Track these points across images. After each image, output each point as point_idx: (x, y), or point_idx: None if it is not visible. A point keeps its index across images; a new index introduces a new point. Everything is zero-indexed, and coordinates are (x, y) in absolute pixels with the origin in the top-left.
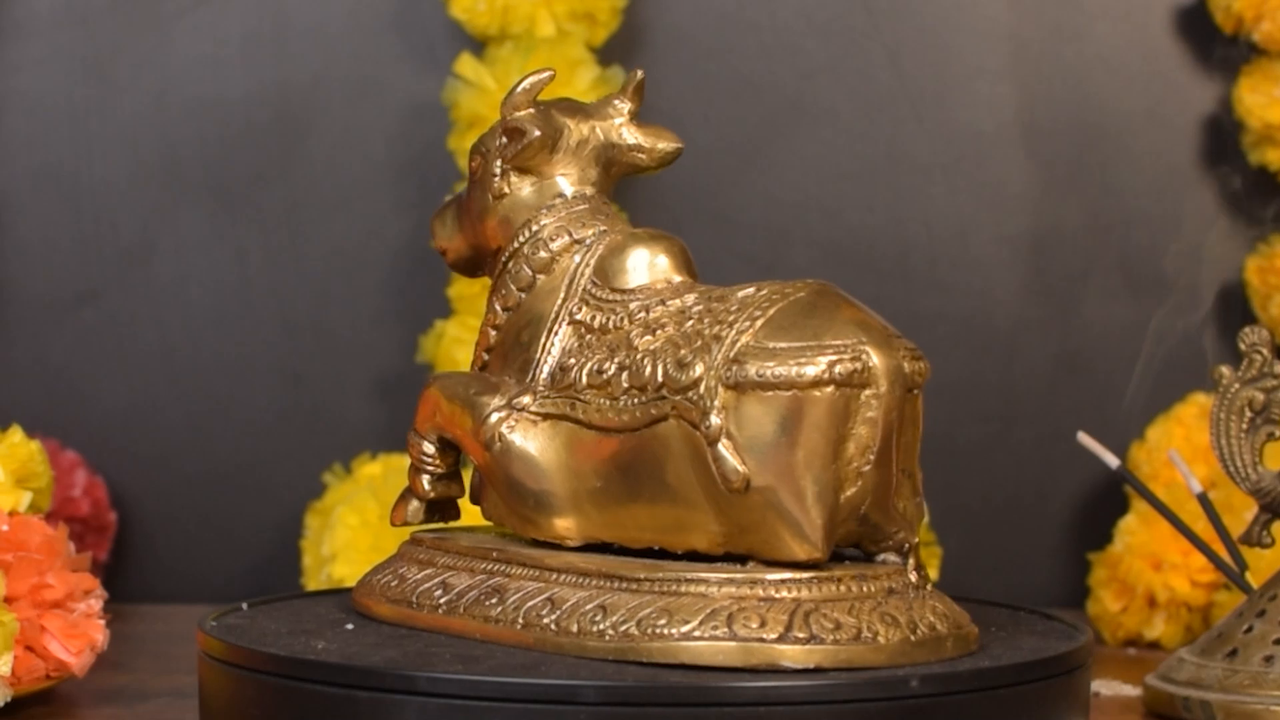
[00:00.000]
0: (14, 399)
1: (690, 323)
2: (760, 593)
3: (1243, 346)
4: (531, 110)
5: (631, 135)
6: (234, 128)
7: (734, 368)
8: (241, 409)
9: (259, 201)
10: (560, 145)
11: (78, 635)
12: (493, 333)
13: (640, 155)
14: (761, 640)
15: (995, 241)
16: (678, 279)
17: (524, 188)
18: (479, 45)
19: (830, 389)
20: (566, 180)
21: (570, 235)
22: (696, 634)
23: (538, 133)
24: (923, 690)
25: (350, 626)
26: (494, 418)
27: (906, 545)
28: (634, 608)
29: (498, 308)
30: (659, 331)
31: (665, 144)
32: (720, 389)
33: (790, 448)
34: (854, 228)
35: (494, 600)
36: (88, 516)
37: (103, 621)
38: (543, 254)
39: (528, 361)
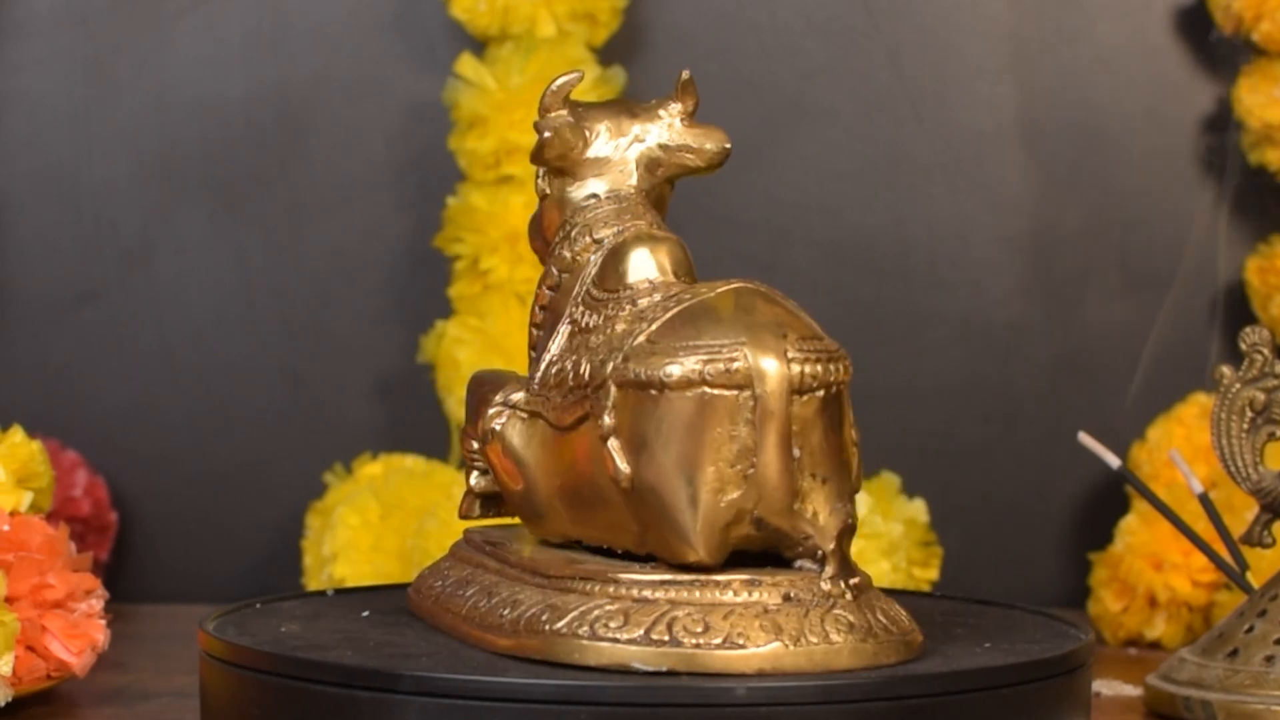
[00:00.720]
0: (14, 399)
1: (636, 322)
2: (635, 594)
3: (1243, 346)
4: (562, 111)
5: (680, 136)
6: (234, 128)
7: (622, 366)
8: (242, 409)
9: (259, 201)
10: (596, 145)
11: (79, 635)
12: (535, 332)
13: (689, 156)
14: (615, 641)
15: (995, 242)
16: (670, 279)
17: (564, 188)
18: (479, 45)
19: (701, 390)
20: (602, 181)
21: (590, 236)
22: (564, 631)
23: (548, 134)
24: (766, 698)
25: (366, 614)
26: (490, 413)
27: (820, 552)
28: (530, 604)
29: (536, 308)
30: (609, 331)
31: (712, 144)
32: (613, 388)
33: (665, 448)
34: (854, 228)
35: (461, 592)
36: (88, 516)
37: (103, 621)
38: (566, 254)
39: (539, 361)
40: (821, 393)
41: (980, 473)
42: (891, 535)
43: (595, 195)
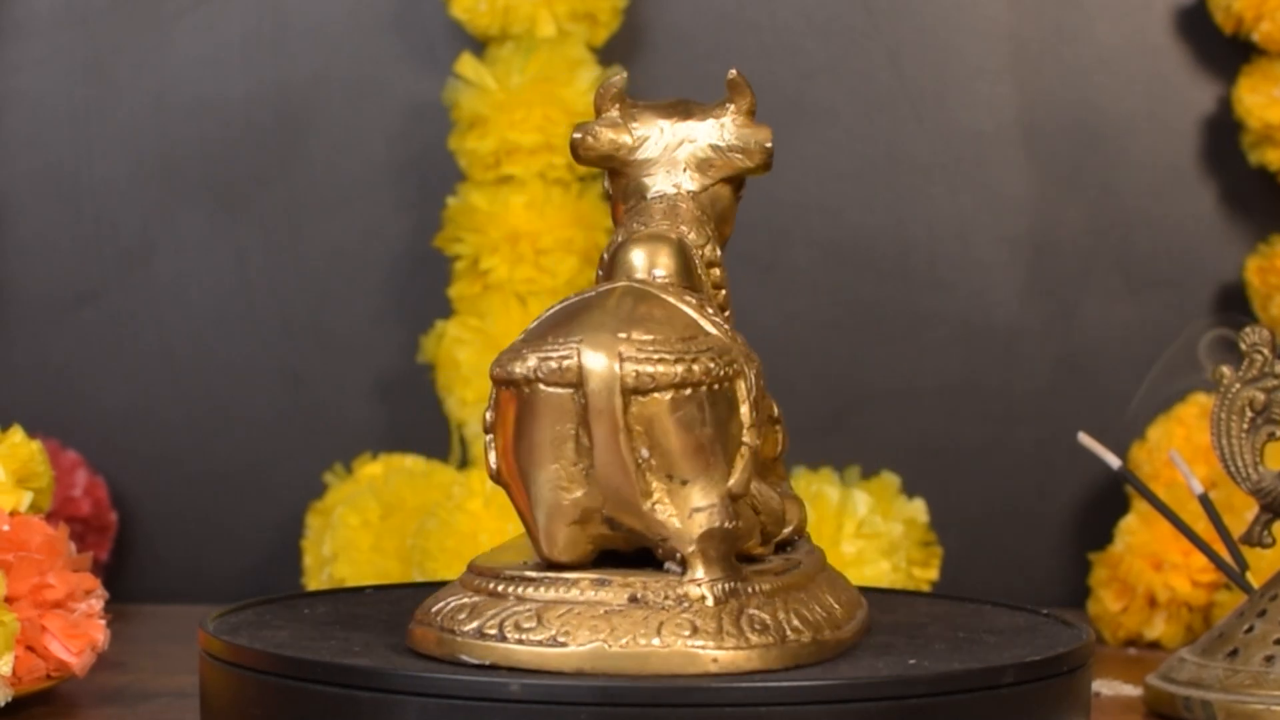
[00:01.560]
0: (14, 399)
1: None
2: (491, 588)
3: (1243, 346)
4: (612, 111)
5: (730, 136)
6: (234, 128)
7: (494, 364)
8: (242, 409)
9: (259, 201)
10: (646, 146)
11: (79, 635)
12: None
13: (738, 156)
14: (452, 633)
15: (995, 242)
16: (663, 279)
17: (622, 189)
18: (479, 45)
19: (540, 387)
20: (653, 181)
21: (621, 237)
22: (426, 621)
23: (577, 135)
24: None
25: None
26: None
27: (679, 554)
28: (430, 595)
29: None
30: None
31: (754, 143)
32: (492, 385)
33: (516, 445)
34: (854, 228)
35: None
36: (88, 516)
37: (103, 621)
38: (605, 255)
39: None
40: (668, 393)
41: (980, 473)
42: (891, 535)
43: (644, 196)
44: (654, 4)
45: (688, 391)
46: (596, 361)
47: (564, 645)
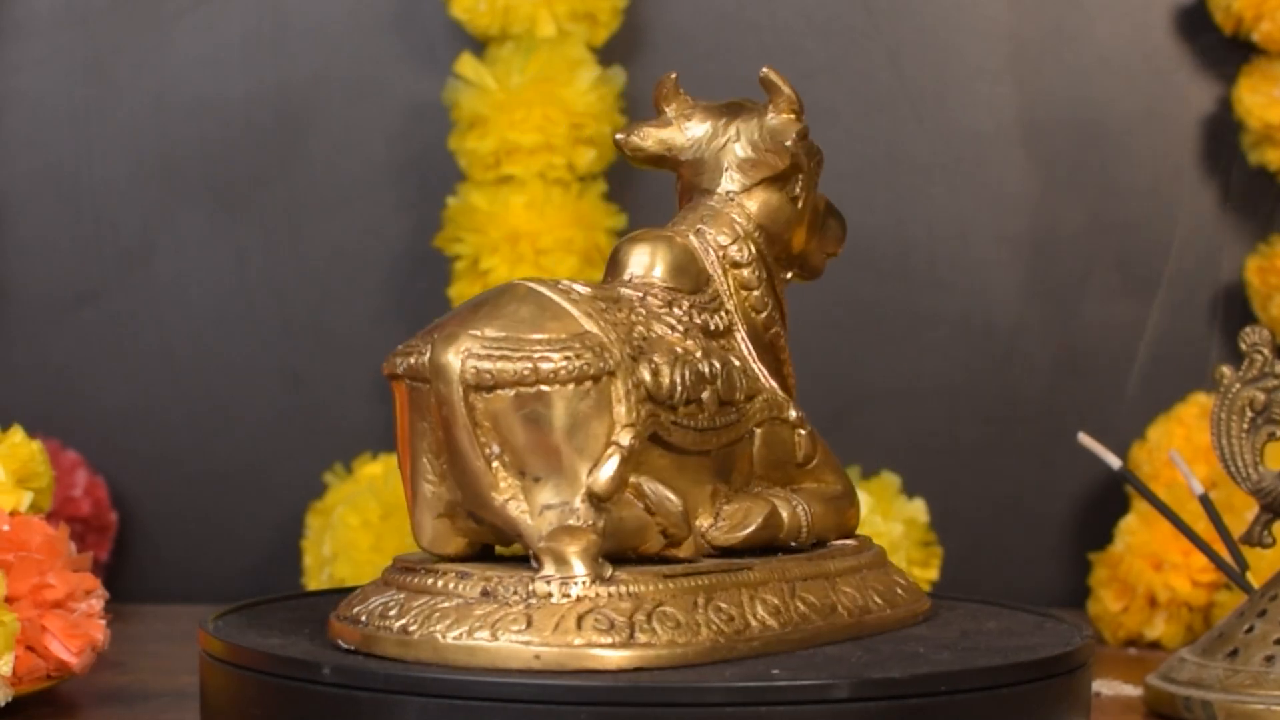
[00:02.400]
0: (14, 399)
1: None
2: (386, 578)
3: (1243, 346)
4: (668, 111)
5: (765, 135)
6: (234, 128)
7: None
8: (242, 409)
9: (259, 201)
10: (696, 146)
11: (79, 635)
12: None
13: (770, 155)
14: (340, 619)
15: (995, 242)
16: (653, 279)
17: (680, 187)
18: (479, 45)
19: (406, 382)
20: (700, 181)
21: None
22: (336, 607)
23: (620, 135)
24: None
25: None
26: None
27: (531, 550)
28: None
29: None
30: None
31: (778, 141)
32: None
33: (399, 438)
34: (854, 228)
35: None
36: (89, 516)
37: (104, 621)
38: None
39: None
40: (512, 390)
41: (980, 473)
42: (891, 535)
43: (689, 195)
44: (654, 4)
45: (533, 389)
46: (441, 357)
47: (410, 635)
